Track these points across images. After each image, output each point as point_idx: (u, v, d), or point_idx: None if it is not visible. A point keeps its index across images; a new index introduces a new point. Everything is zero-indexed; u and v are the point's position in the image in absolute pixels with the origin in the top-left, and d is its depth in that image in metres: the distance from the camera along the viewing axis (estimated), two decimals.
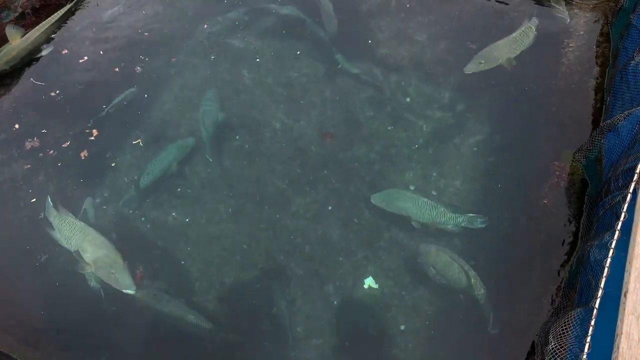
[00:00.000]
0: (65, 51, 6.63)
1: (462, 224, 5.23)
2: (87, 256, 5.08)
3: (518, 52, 6.07)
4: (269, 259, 5.30)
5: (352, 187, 5.62)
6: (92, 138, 6.01)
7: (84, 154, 5.91)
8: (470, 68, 5.98)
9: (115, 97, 6.16)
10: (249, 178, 5.72)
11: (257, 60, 6.54)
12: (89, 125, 6.00)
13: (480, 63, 5.99)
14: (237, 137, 5.95)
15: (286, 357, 4.86)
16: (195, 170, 5.78)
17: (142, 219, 5.55)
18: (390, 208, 5.35)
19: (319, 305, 5.08)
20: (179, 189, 5.69)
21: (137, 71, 6.50)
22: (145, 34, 6.77)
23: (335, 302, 5.08)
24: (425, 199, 5.28)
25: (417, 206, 5.26)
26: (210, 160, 5.84)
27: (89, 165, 5.86)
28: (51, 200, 5.46)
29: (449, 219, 5.21)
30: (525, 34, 6.15)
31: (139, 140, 5.98)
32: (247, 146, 5.89)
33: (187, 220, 5.54)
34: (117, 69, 6.50)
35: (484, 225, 5.23)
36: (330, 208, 5.53)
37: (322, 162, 5.79)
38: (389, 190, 5.47)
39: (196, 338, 4.92)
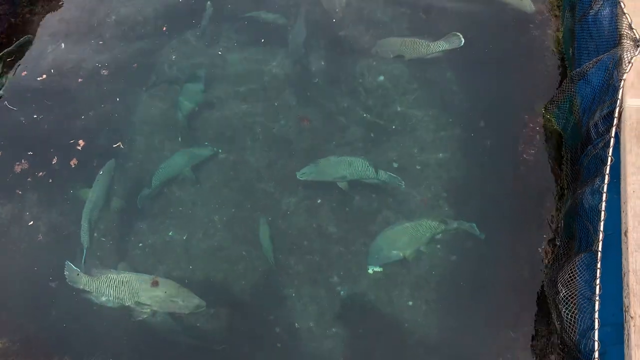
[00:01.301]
0: (24, 72, 6.49)
1: (383, 179, 5.42)
2: (144, 299, 5.00)
3: (412, 56, 6.05)
4: (269, 262, 5.26)
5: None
6: (79, 148, 5.93)
7: (73, 162, 5.84)
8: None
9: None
10: (237, 187, 5.66)
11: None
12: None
13: (377, 52, 6.10)
14: (220, 150, 5.90)
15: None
16: (185, 189, 5.71)
17: (140, 244, 5.47)
18: (320, 176, 5.44)
19: (327, 297, 5.10)
20: (171, 210, 5.61)
21: (103, 74, 6.39)
22: (100, 42, 6.64)
23: (342, 292, 5.11)
24: (348, 158, 5.45)
25: (346, 167, 5.39)
26: (179, 140, 5.87)
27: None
28: (72, 264, 5.22)
29: (371, 175, 5.40)
30: (427, 46, 6.00)
31: (119, 143, 5.87)
32: (231, 157, 5.83)
33: (184, 237, 5.48)
34: (80, 80, 6.38)
35: (400, 186, 5.42)
36: (319, 201, 5.53)
37: (305, 157, 5.75)
38: (313, 162, 5.52)
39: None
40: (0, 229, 5.57)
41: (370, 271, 5.17)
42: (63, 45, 6.57)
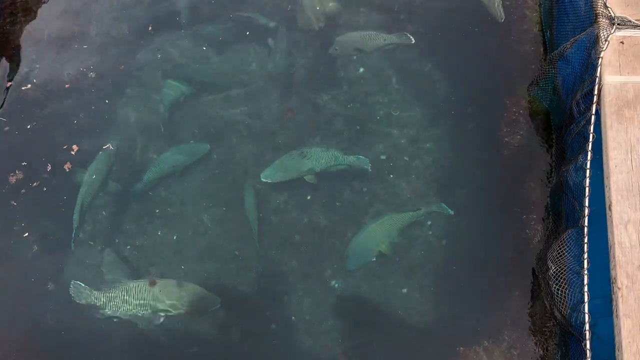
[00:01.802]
0: (10, 83, 6.43)
1: (350, 163, 5.46)
2: (164, 305, 4.98)
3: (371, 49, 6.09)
4: (262, 258, 5.29)
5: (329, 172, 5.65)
6: (73, 153, 5.91)
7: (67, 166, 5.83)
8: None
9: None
10: (225, 185, 5.66)
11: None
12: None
13: (336, 49, 6.08)
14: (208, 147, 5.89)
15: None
16: (172, 189, 5.69)
17: (128, 247, 5.47)
18: (286, 175, 5.39)
19: (321, 291, 5.12)
20: (157, 210, 5.60)
21: (91, 76, 6.36)
22: (84, 46, 6.62)
23: (337, 285, 5.14)
24: (311, 149, 5.47)
25: (310, 160, 5.38)
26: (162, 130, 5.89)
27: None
28: (80, 282, 5.16)
29: (339, 160, 5.42)
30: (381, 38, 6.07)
31: (109, 144, 5.86)
32: (215, 156, 5.83)
33: (174, 237, 5.48)
34: (67, 85, 6.33)
35: (366, 167, 5.46)
36: (309, 197, 5.54)
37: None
38: (274, 165, 5.47)
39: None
40: None
41: None
42: (47, 52, 6.52)
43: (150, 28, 6.49)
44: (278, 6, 6.60)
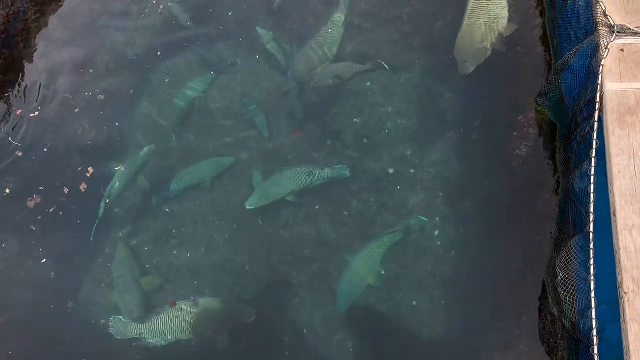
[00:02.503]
0: (20, 111, 6.57)
1: (330, 176, 5.55)
2: (204, 323, 5.11)
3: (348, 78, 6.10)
4: (273, 273, 5.37)
5: (336, 183, 5.70)
6: (88, 175, 6.02)
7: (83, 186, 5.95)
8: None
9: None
10: (235, 203, 5.73)
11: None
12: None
13: (317, 82, 6.07)
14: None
15: None
16: (184, 208, 5.81)
17: (147, 266, 5.58)
18: (269, 200, 5.46)
19: (332, 304, 5.16)
20: (174, 230, 5.71)
21: (100, 99, 6.45)
22: (91, 71, 6.74)
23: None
24: (290, 171, 5.55)
25: (290, 181, 5.48)
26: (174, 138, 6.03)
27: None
28: (120, 317, 5.26)
29: (317, 176, 5.51)
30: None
31: (120, 166, 5.96)
32: (227, 173, 5.92)
33: (188, 255, 5.57)
34: (77, 109, 6.42)
35: (345, 176, 5.55)
36: (317, 207, 5.60)
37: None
38: (255, 190, 5.55)
39: None
40: (13, 266, 5.65)
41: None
42: (56, 77, 6.64)
43: (159, 53, 6.63)
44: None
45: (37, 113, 6.43)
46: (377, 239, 5.23)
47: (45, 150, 6.17)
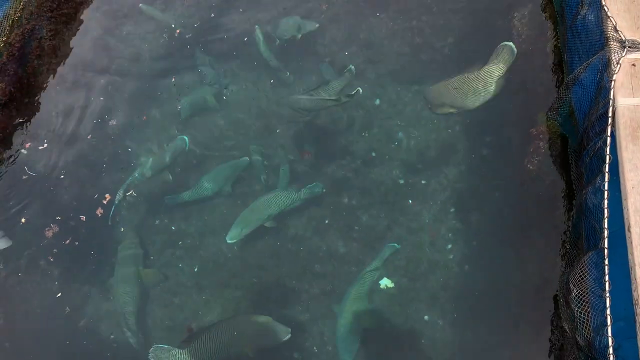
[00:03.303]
0: (28, 144, 6.53)
1: (305, 196, 5.54)
2: (241, 342, 5.04)
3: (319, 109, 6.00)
4: (281, 287, 5.37)
5: (345, 196, 5.71)
6: (105, 202, 6.04)
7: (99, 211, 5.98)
8: None
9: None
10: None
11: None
12: None
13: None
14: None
15: None
16: (190, 220, 5.84)
17: (151, 257, 5.63)
18: (249, 229, 5.43)
19: None
20: (180, 242, 5.73)
21: (111, 124, 6.50)
22: (101, 98, 6.77)
23: None
24: (265, 197, 5.52)
25: (265, 207, 5.45)
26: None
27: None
28: (162, 345, 5.12)
29: (293, 198, 5.50)
30: None
31: (132, 191, 6.01)
32: (237, 189, 5.95)
33: (195, 269, 5.58)
34: (87, 138, 6.44)
35: (320, 192, 5.57)
36: (327, 222, 5.60)
37: (309, 180, 5.84)
38: (236, 224, 5.49)
39: None
40: (29, 298, 5.67)
41: (382, 286, 5.21)
42: (64, 106, 6.67)
43: (173, 79, 6.66)
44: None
45: (47, 142, 6.42)
46: (358, 280, 5.17)
47: (60, 177, 6.20)
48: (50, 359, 5.44)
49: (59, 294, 5.61)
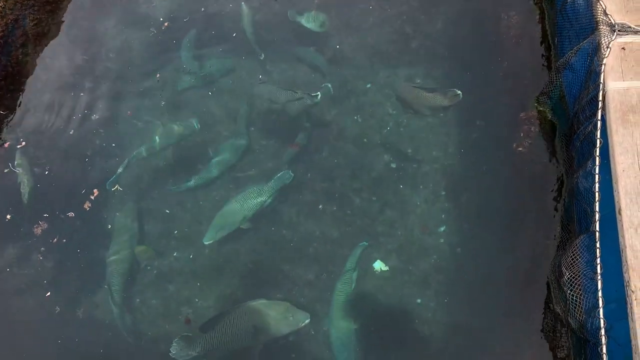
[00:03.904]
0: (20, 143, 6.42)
1: (277, 187, 5.59)
2: (267, 324, 5.02)
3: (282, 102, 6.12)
4: (277, 272, 5.37)
5: (337, 182, 5.73)
6: (92, 197, 5.97)
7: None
8: None
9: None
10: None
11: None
12: None
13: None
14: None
15: None
16: (186, 207, 5.81)
17: (148, 267, 5.59)
18: (225, 232, 5.43)
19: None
20: (175, 232, 5.71)
21: (94, 118, 6.41)
22: (84, 91, 6.66)
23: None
24: (237, 196, 5.54)
25: (239, 208, 5.46)
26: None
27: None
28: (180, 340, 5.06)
29: (265, 192, 5.52)
30: None
31: (117, 185, 5.95)
32: (229, 176, 5.94)
33: (190, 256, 5.58)
34: (72, 132, 6.35)
35: (290, 178, 5.64)
36: (321, 207, 5.61)
37: (304, 167, 5.86)
38: (212, 227, 5.50)
39: None
40: (18, 294, 5.59)
41: (376, 270, 5.25)
42: (50, 98, 6.57)
43: (158, 76, 6.58)
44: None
45: (32, 135, 6.32)
46: (336, 290, 5.18)
47: (45, 173, 6.12)
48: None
49: (48, 293, 5.55)
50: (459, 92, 5.77)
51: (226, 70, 6.48)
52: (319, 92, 5.98)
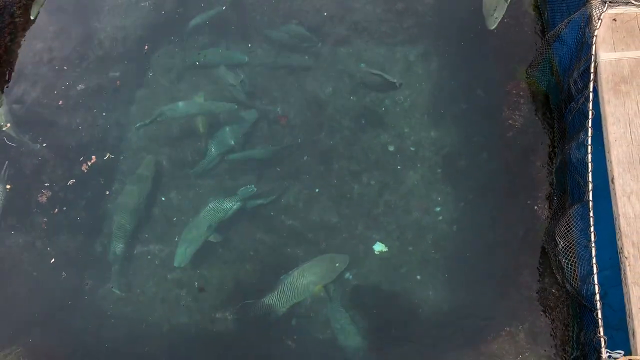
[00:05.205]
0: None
1: (239, 201, 5.56)
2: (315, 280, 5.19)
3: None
4: (278, 256, 5.41)
5: (335, 164, 5.75)
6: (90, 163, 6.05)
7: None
8: None
9: None
10: (234, 189, 5.77)
11: None
12: None
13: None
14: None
15: None
16: (185, 195, 5.85)
17: (149, 257, 5.62)
18: (194, 248, 5.41)
19: (337, 283, 5.21)
20: (174, 219, 5.73)
21: (80, 88, 6.46)
22: (79, 68, 6.66)
23: (350, 276, 5.24)
24: (204, 209, 5.52)
25: (205, 220, 5.46)
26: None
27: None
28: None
29: (231, 204, 5.52)
30: None
31: (108, 154, 6.03)
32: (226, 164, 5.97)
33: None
34: (60, 102, 6.41)
35: (254, 190, 5.62)
36: (317, 190, 5.64)
37: (300, 150, 5.88)
38: (179, 246, 5.48)
39: None
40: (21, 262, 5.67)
41: (376, 252, 5.30)
42: (43, 73, 6.60)
43: (146, 47, 6.60)
44: None
45: (22, 106, 6.38)
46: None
47: (40, 145, 6.18)
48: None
49: (53, 260, 5.61)
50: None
51: None
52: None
